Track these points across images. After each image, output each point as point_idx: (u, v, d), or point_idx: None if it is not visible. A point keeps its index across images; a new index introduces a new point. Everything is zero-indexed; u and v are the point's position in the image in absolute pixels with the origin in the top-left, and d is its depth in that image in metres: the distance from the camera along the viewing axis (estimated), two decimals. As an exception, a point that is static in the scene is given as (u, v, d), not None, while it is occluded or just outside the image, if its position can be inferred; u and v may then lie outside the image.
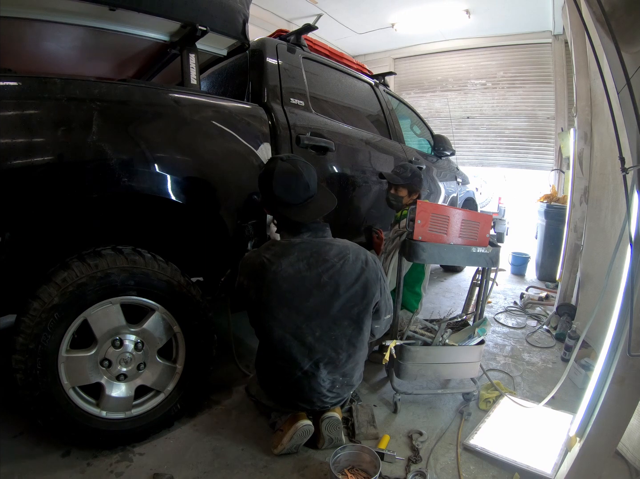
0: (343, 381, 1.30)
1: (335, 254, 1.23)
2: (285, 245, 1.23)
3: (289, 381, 1.26)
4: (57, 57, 1.64)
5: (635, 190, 0.94)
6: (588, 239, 2.31)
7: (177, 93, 1.37)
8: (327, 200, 1.32)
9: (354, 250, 1.26)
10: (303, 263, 1.20)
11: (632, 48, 0.88)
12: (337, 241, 1.28)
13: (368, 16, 5.22)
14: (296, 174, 1.24)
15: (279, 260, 1.19)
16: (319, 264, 1.21)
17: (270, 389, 1.35)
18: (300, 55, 1.93)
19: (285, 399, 1.32)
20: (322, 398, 1.29)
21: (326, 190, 1.39)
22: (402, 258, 1.54)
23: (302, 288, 1.20)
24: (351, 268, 1.23)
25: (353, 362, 1.30)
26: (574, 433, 1.09)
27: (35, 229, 1.10)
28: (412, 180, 1.98)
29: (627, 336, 0.92)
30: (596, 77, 2.19)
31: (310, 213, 1.26)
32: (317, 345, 1.22)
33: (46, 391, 1.12)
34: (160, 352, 1.34)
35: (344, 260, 1.22)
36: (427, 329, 1.65)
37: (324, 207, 1.29)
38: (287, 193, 1.24)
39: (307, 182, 1.26)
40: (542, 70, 5.41)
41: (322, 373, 1.25)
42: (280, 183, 1.23)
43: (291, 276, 1.19)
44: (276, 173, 1.23)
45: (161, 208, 1.34)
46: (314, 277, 1.20)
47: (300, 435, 1.27)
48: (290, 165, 1.25)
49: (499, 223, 1.64)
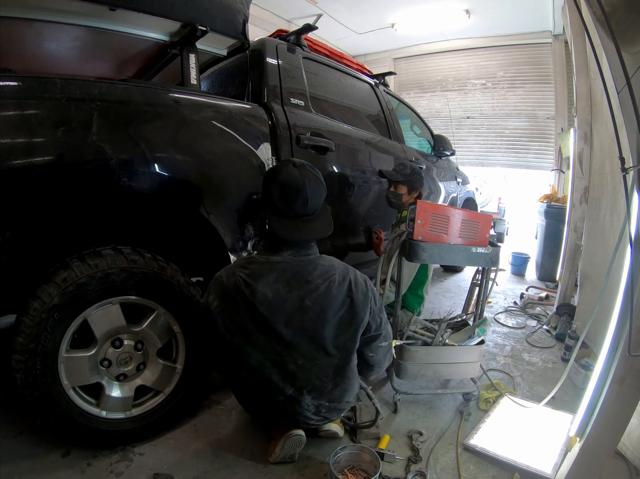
0: (330, 407, 1.22)
1: (319, 275, 1.11)
2: (264, 264, 1.12)
3: (271, 406, 1.19)
4: (57, 57, 1.64)
5: (635, 190, 0.94)
6: (587, 239, 2.31)
7: (177, 93, 1.36)
8: (323, 225, 1.18)
9: (340, 271, 1.14)
10: (283, 285, 1.09)
11: (632, 48, 0.88)
12: (322, 259, 1.16)
13: (368, 16, 5.22)
14: (299, 185, 1.12)
15: (255, 282, 1.08)
16: (300, 286, 1.09)
17: (253, 412, 1.30)
18: (300, 55, 1.93)
19: (271, 421, 1.27)
20: (307, 421, 1.22)
21: (328, 215, 1.24)
22: (402, 258, 1.54)
23: (281, 312, 1.08)
24: (337, 291, 1.10)
25: (341, 390, 1.21)
26: (574, 433, 1.09)
27: (35, 229, 1.10)
28: (411, 177, 1.97)
29: (627, 336, 0.92)
30: (596, 77, 2.19)
31: (297, 232, 1.13)
32: (300, 373, 1.13)
33: (46, 391, 1.12)
34: (160, 352, 1.34)
35: (329, 282, 1.10)
36: (427, 329, 1.65)
37: (315, 231, 1.16)
38: (282, 201, 1.12)
39: (307, 199, 1.13)
40: (542, 70, 5.41)
41: (305, 399, 1.16)
42: (280, 188, 1.12)
43: (269, 300, 1.08)
44: (280, 176, 1.13)
45: (161, 208, 1.34)
46: (294, 301, 1.08)
47: (291, 445, 1.21)
48: (299, 174, 1.13)
49: (499, 223, 1.65)
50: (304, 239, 1.15)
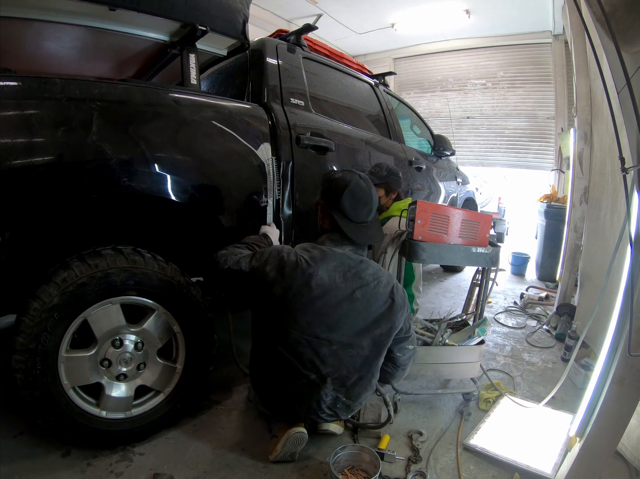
0: (345, 403, 1.26)
1: (371, 274, 1.23)
2: (327, 252, 1.22)
3: (289, 387, 1.22)
4: (57, 57, 1.64)
5: (635, 190, 0.95)
6: (587, 239, 2.31)
7: (177, 93, 1.37)
8: (378, 231, 1.35)
9: (386, 275, 1.28)
10: (339, 274, 1.20)
11: (632, 48, 0.89)
12: (372, 262, 1.29)
13: (368, 16, 5.22)
14: (368, 195, 1.28)
15: (317, 264, 1.18)
16: (355, 279, 1.21)
17: (266, 395, 1.30)
18: (300, 55, 1.93)
19: (281, 407, 1.27)
20: (319, 413, 1.24)
21: (379, 222, 1.41)
22: (402, 258, 1.54)
23: (333, 298, 1.18)
24: (383, 291, 1.23)
25: (362, 386, 1.26)
26: (574, 433, 1.09)
27: (35, 229, 1.10)
28: (388, 178, 1.94)
29: (627, 336, 0.92)
30: (596, 77, 2.19)
31: (361, 236, 1.27)
32: (331, 358, 1.19)
33: (46, 391, 1.12)
34: (160, 352, 1.33)
35: (377, 281, 1.23)
36: (427, 329, 1.66)
37: (374, 236, 1.32)
38: (352, 208, 1.25)
39: (372, 208, 1.30)
40: (542, 70, 5.42)
41: (327, 387, 1.21)
42: (351, 196, 1.25)
43: (325, 284, 1.17)
44: (352, 186, 1.25)
45: (161, 208, 1.34)
46: (347, 290, 1.19)
47: (293, 442, 1.23)
48: (366, 186, 1.28)
49: (499, 223, 1.65)
50: (367, 242, 1.31)
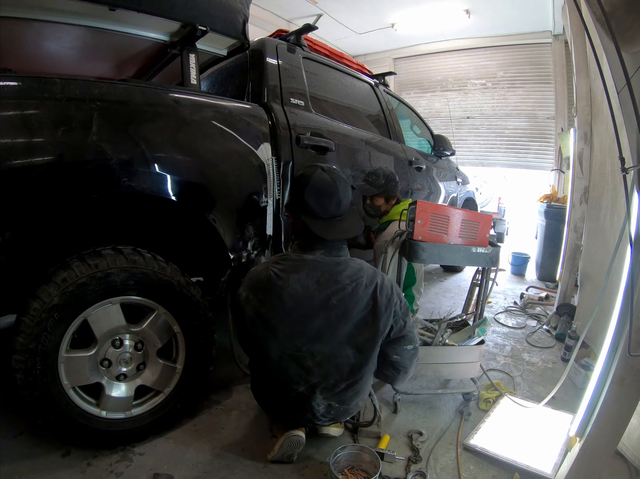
0: (339, 408, 1.24)
1: (348, 276, 1.16)
2: (297, 261, 1.17)
3: (283, 399, 1.22)
4: (57, 57, 1.64)
5: (635, 190, 0.94)
6: (587, 239, 2.31)
7: (177, 93, 1.36)
8: (354, 223, 1.26)
9: (368, 274, 1.18)
10: (312, 281, 1.14)
11: (632, 48, 0.88)
12: (352, 262, 1.21)
13: (368, 16, 5.22)
14: (332, 188, 1.18)
15: (287, 276, 1.13)
16: (329, 285, 1.14)
17: (264, 403, 1.32)
18: (300, 55, 1.93)
19: (279, 415, 1.29)
20: (315, 421, 1.25)
21: (356, 213, 1.31)
22: (402, 258, 1.54)
23: (308, 308, 1.13)
24: (364, 293, 1.15)
25: (353, 391, 1.23)
26: (574, 433, 1.09)
27: (35, 229, 1.10)
28: (386, 186, 1.92)
29: (627, 336, 0.92)
30: (596, 77, 2.19)
31: (334, 231, 1.19)
32: (316, 369, 1.16)
33: (46, 391, 1.12)
34: (160, 352, 1.33)
35: (356, 284, 1.15)
36: (427, 329, 1.65)
37: (350, 230, 1.24)
38: (317, 204, 1.18)
39: (340, 199, 1.20)
40: (542, 70, 5.42)
41: (317, 398, 1.19)
42: (314, 192, 1.18)
43: (298, 294, 1.12)
44: (313, 181, 1.18)
45: (161, 208, 1.34)
46: (322, 298, 1.13)
47: (290, 445, 1.22)
48: (329, 178, 1.19)
49: (499, 223, 1.65)
50: (340, 237, 1.22)
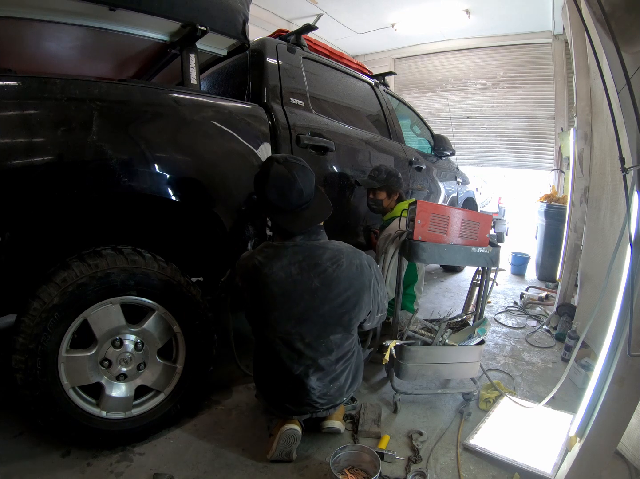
0: (333, 387, 1.27)
1: (328, 258, 1.20)
2: (278, 248, 1.21)
3: (280, 382, 1.26)
4: (57, 57, 1.64)
5: (635, 190, 0.94)
6: (587, 239, 2.31)
7: (177, 93, 1.36)
8: (322, 207, 1.27)
9: (348, 254, 1.22)
10: (295, 266, 1.18)
11: (632, 48, 0.88)
12: (331, 244, 1.24)
13: (368, 16, 5.22)
14: (290, 179, 1.18)
15: (270, 263, 1.17)
16: (311, 268, 1.18)
17: (264, 390, 1.34)
18: (300, 55, 1.93)
19: (277, 401, 1.30)
20: (313, 404, 1.27)
21: (323, 196, 1.32)
22: (402, 258, 1.54)
23: (293, 292, 1.17)
24: (345, 274, 1.19)
25: (342, 366, 1.28)
26: (574, 433, 1.09)
27: (35, 229, 1.10)
28: (388, 181, 1.95)
29: (627, 336, 0.92)
30: (596, 77, 2.19)
31: (302, 221, 1.21)
32: (307, 351, 1.21)
33: (46, 391, 1.12)
34: (160, 352, 1.34)
35: (336, 265, 1.19)
36: (427, 329, 1.66)
37: (317, 216, 1.25)
38: (279, 198, 1.19)
39: (301, 189, 1.20)
40: (542, 70, 5.41)
41: (311, 380, 1.23)
42: (273, 187, 1.19)
43: (282, 280, 1.17)
44: (270, 177, 1.19)
45: (161, 208, 1.34)
46: (305, 281, 1.17)
47: (286, 440, 1.23)
48: (285, 169, 1.19)
49: (499, 223, 1.64)
50: (309, 227, 1.23)
